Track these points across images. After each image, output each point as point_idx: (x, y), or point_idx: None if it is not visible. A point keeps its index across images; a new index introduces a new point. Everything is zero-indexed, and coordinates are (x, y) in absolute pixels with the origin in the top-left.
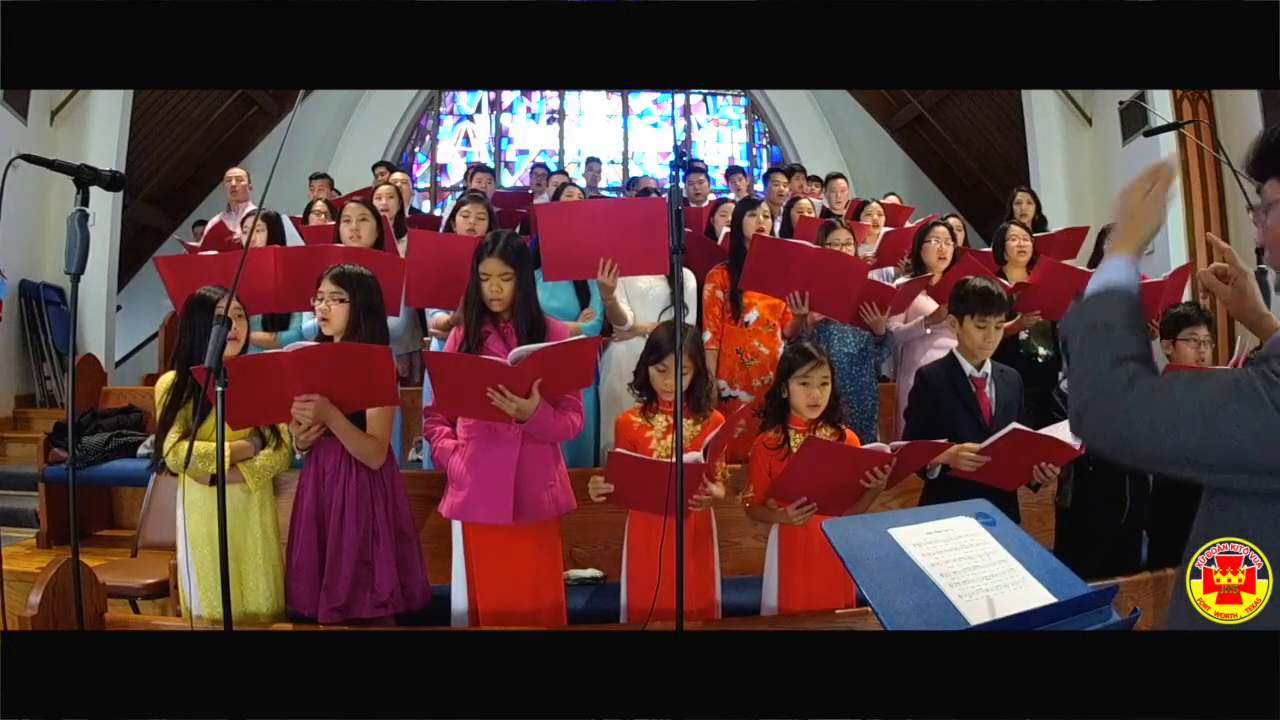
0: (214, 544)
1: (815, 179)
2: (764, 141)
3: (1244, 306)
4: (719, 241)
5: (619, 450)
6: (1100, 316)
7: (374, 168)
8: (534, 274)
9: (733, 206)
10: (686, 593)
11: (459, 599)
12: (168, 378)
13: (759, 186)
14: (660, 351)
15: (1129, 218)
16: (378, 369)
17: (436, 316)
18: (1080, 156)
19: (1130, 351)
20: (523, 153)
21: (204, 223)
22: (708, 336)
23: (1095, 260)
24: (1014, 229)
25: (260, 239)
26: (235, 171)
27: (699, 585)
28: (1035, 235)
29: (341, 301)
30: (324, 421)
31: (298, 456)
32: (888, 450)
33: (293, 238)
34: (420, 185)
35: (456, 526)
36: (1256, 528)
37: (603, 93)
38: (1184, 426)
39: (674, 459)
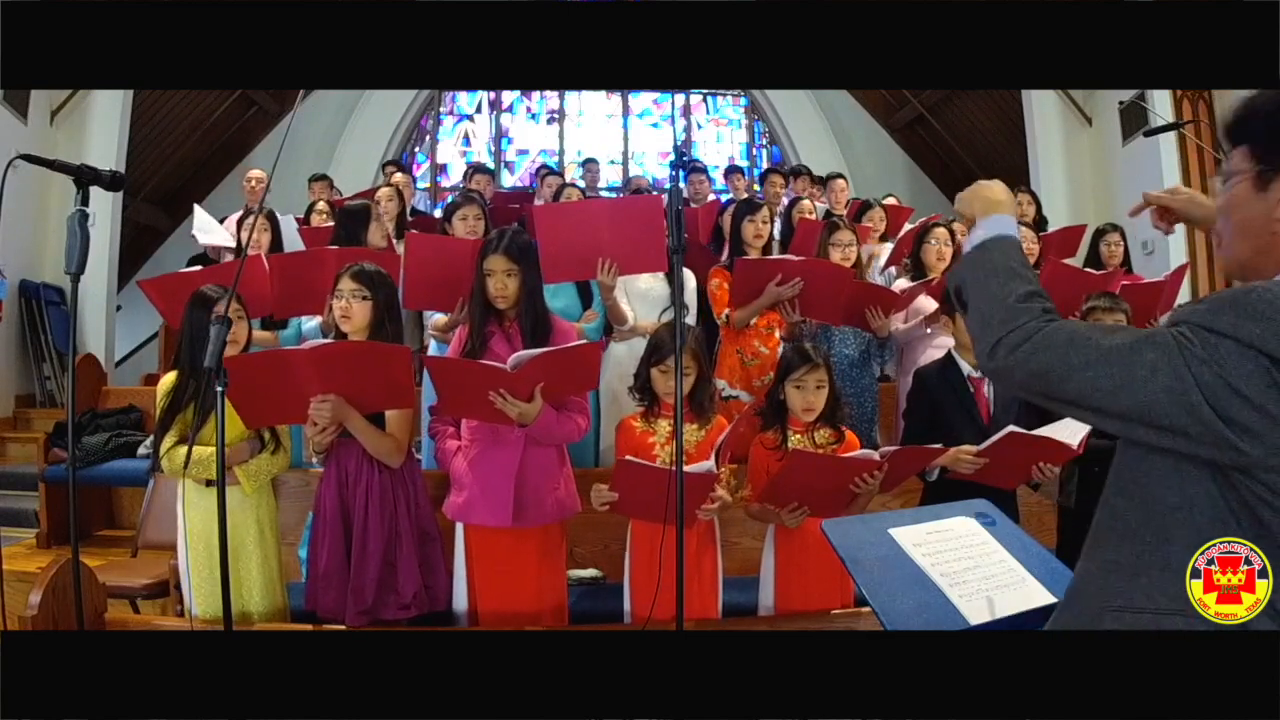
0: (209, 543)
1: (819, 180)
2: (764, 141)
3: (1202, 213)
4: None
5: (629, 458)
6: (1000, 261)
7: (383, 166)
8: (539, 273)
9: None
10: (688, 599)
11: (460, 601)
12: (169, 379)
13: (758, 187)
14: (662, 352)
15: (990, 195)
16: (395, 369)
17: (435, 318)
18: (1080, 156)
19: (1035, 288)
20: (523, 153)
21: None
22: (727, 313)
23: (1091, 260)
24: (1023, 230)
25: (265, 240)
26: (255, 172)
27: (700, 591)
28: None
29: (364, 300)
30: (341, 421)
31: (314, 459)
32: (876, 457)
33: (292, 239)
34: (420, 185)
35: (459, 528)
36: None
37: (603, 93)
38: (1099, 365)
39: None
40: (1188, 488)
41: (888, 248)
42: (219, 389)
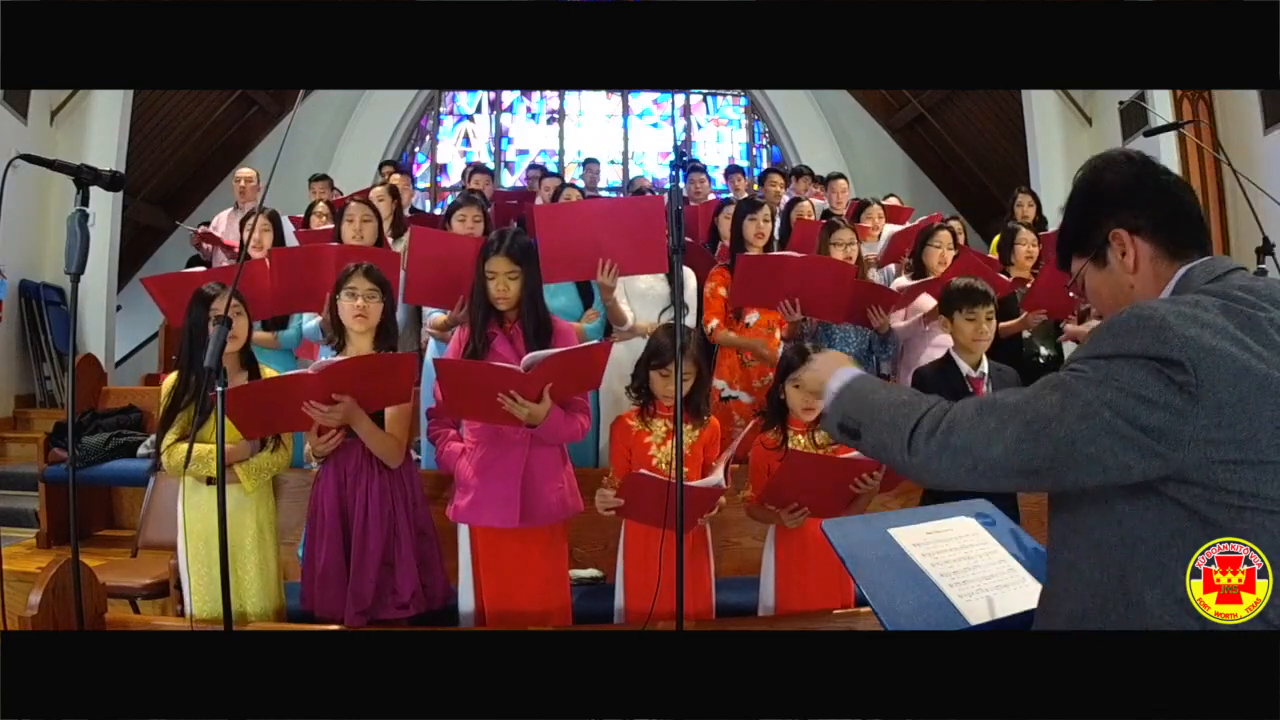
0: (207, 542)
1: (820, 180)
2: (764, 141)
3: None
4: (723, 244)
5: (642, 472)
6: (868, 385)
7: (381, 166)
8: (540, 274)
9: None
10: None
11: (465, 600)
12: (171, 379)
13: (758, 187)
14: (662, 356)
15: (822, 369)
16: (400, 374)
17: (434, 317)
18: (1080, 156)
19: (914, 394)
20: (523, 153)
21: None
22: (715, 324)
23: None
24: (1024, 233)
25: (267, 239)
26: (245, 171)
27: (694, 591)
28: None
29: (379, 300)
30: (351, 423)
31: (313, 463)
32: None
33: (293, 240)
34: (420, 185)
35: (463, 528)
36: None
37: (603, 93)
38: (1013, 421)
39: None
40: (1126, 523)
41: (880, 246)
42: (219, 389)
